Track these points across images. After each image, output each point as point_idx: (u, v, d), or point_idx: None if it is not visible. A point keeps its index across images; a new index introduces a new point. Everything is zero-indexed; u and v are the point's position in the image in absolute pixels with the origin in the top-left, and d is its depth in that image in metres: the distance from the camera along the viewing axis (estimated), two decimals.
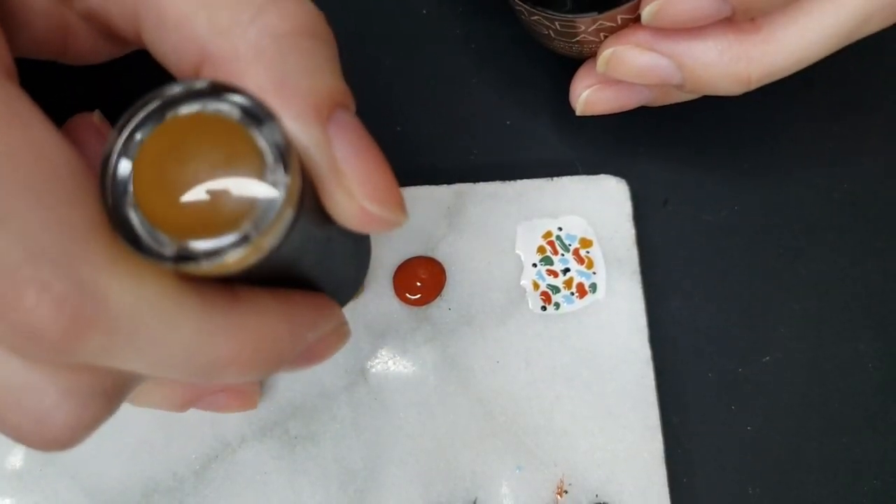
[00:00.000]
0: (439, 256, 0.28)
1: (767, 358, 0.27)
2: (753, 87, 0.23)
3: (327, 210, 0.16)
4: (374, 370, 0.27)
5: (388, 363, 0.27)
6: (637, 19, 0.22)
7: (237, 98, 0.13)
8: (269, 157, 0.13)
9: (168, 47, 0.16)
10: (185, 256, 0.13)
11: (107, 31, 0.19)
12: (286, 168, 0.13)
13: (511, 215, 0.28)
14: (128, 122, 0.13)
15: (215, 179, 0.13)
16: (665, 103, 0.27)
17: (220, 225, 0.13)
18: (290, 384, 0.27)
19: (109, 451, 0.26)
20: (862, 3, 0.22)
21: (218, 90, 0.13)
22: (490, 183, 0.28)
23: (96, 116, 0.18)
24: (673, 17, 0.21)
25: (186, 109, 0.13)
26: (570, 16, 0.23)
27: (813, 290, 0.28)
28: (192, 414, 0.26)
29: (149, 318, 0.13)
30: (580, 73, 0.26)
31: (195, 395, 0.17)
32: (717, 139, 0.29)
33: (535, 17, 0.24)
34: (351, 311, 0.27)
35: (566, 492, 0.26)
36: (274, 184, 0.13)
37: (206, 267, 0.13)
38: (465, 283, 0.27)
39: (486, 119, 0.29)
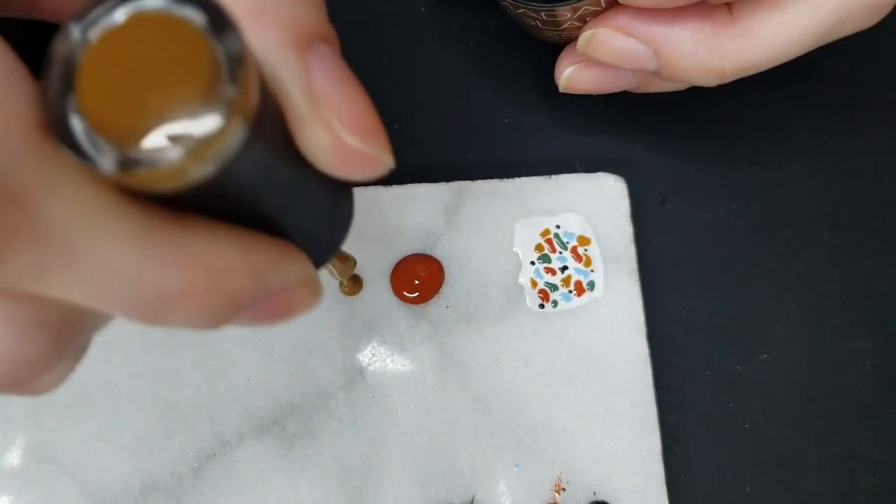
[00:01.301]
0: (437, 254, 0.28)
1: (765, 356, 0.27)
2: (727, 80, 0.23)
3: (301, 147, 0.14)
4: (372, 368, 0.27)
5: (387, 361, 0.27)
6: (618, 3, 0.23)
7: (202, 4, 0.12)
8: (225, 69, 0.12)
9: None
10: (124, 162, 0.12)
11: None
12: (237, 80, 0.12)
13: (509, 213, 0.28)
14: (83, 16, 0.12)
15: (162, 86, 0.12)
16: (648, 91, 0.27)
17: (166, 133, 0.12)
18: (289, 382, 0.27)
19: (108, 449, 0.26)
20: (839, 4, 0.22)
21: None
22: (488, 181, 0.28)
23: None
24: None
25: (148, 5, 0.12)
26: (552, 5, 0.23)
27: (811, 288, 0.28)
28: (191, 412, 0.26)
29: (84, 231, 0.12)
30: (565, 52, 0.26)
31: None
32: (715, 138, 0.29)
33: (521, 10, 0.24)
34: (349, 308, 0.27)
35: (564, 489, 0.26)
36: (223, 95, 0.12)
37: (145, 174, 0.12)
38: (463, 280, 0.27)
39: (484, 117, 0.29)
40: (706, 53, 0.23)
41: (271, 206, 0.15)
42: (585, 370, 0.27)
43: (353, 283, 0.27)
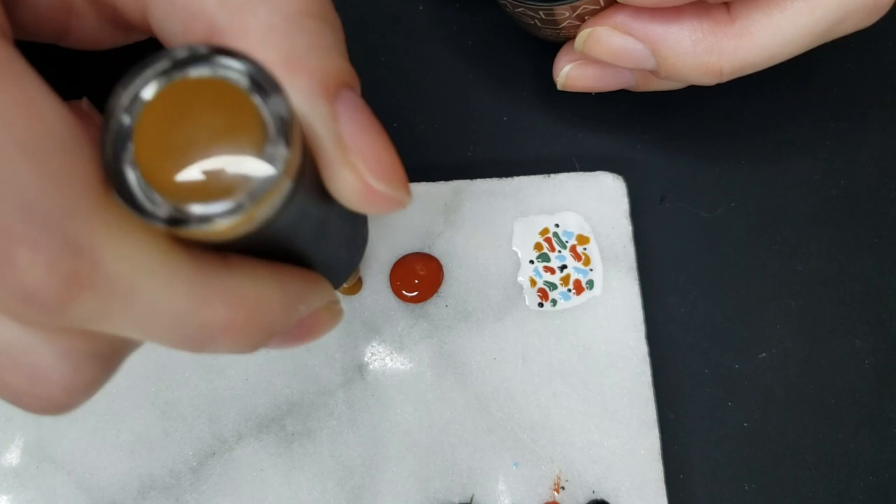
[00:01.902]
0: (436, 253, 0.28)
1: (764, 354, 0.27)
2: (725, 79, 0.23)
3: (329, 187, 0.15)
4: (371, 367, 0.27)
5: (386, 360, 0.27)
6: (616, 2, 0.23)
7: (246, 66, 0.13)
8: (272, 128, 0.13)
9: (176, 26, 0.16)
10: (179, 219, 0.13)
11: (112, 13, 0.19)
12: (287, 141, 0.13)
13: (508, 212, 0.28)
14: (134, 79, 0.13)
15: (216, 146, 0.13)
16: (646, 89, 0.27)
17: (216, 191, 0.13)
18: (288, 381, 0.27)
19: (106, 448, 0.26)
20: (837, 4, 0.22)
21: (228, 57, 0.13)
22: (487, 180, 0.28)
23: (84, 104, 0.18)
24: None
25: (195, 73, 0.13)
26: (550, 4, 0.23)
27: (809, 286, 0.28)
28: (190, 411, 0.26)
29: (143, 280, 0.13)
30: (563, 50, 0.26)
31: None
32: (714, 136, 0.29)
33: (520, 10, 0.24)
34: (348, 307, 0.27)
35: (563, 488, 0.26)
36: (273, 156, 0.13)
37: (198, 231, 0.13)
38: (462, 279, 0.27)
39: (482, 115, 0.29)
40: (704, 52, 0.23)
41: (302, 242, 0.16)
42: (584, 369, 0.27)
43: (353, 284, 0.27)
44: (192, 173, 0.12)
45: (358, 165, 0.15)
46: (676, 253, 0.28)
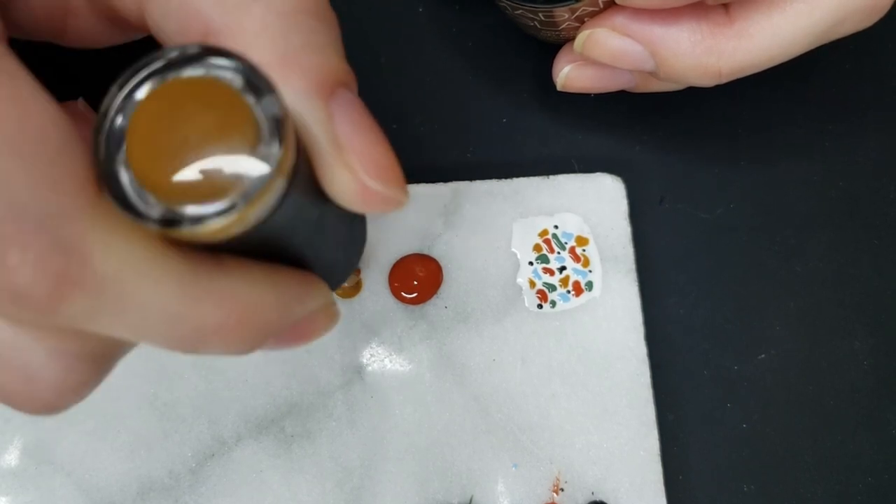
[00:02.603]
0: (435, 254, 0.28)
1: (763, 355, 0.27)
2: (724, 80, 0.23)
3: (325, 187, 0.15)
4: (370, 368, 0.27)
5: (385, 361, 0.27)
6: (615, 4, 0.23)
7: (238, 66, 0.13)
8: (265, 128, 0.13)
9: (173, 25, 0.16)
10: (171, 220, 0.13)
11: (109, 11, 0.19)
12: (281, 141, 0.13)
13: (507, 213, 0.28)
14: (128, 80, 0.13)
15: (208, 146, 0.12)
16: (646, 90, 0.27)
17: (209, 192, 0.12)
18: (287, 382, 0.27)
19: (105, 449, 0.26)
20: (836, 5, 0.22)
21: (220, 56, 0.13)
22: (486, 181, 0.28)
23: (80, 104, 0.18)
24: None
25: (189, 73, 0.13)
26: (550, 6, 0.23)
27: (808, 287, 0.28)
28: (189, 412, 0.26)
29: (134, 281, 0.13)
30: (563, 51, 0.26)
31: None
32: (714, 138, 0.29)
33: (519, 11, 0.24)
34: (347, 308, 0.27)
35: (562, 489, 0.26)
36: (266, 156, 0.13)
37: (190, 232, 0.13)
38: (461, 280, 0.27)
39: (482, 117, 0.29)
40: (703, 54, 0.23)
41: (297, 243, 0.16)
42: (583, 370, 0.27)
43: (352, 286, 0.27)
44: (184, 174, 0.12)
45: (354, 165, 0.15)
46: (676, 254, 0.28)
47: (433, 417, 0.26)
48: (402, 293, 0.27)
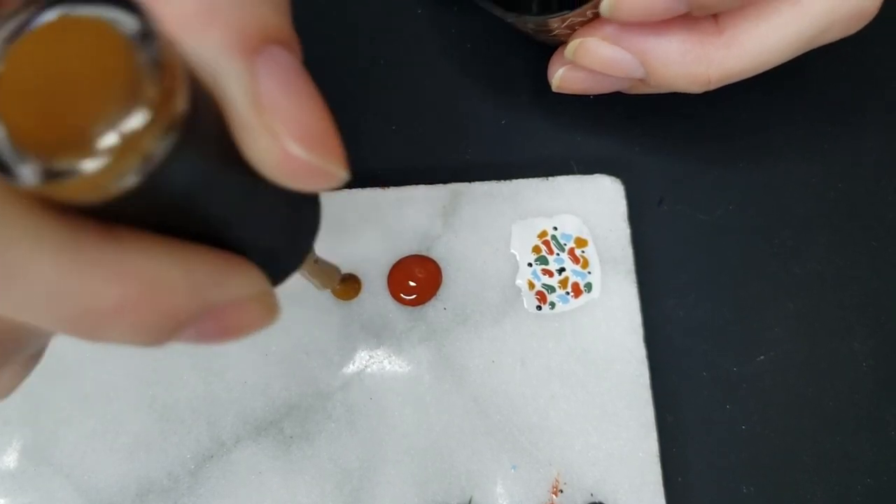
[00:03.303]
0: (435, 256, 0.28)
1: (762, 357, 0.27)
2: (713, 87, 0.24)
3: (246, 155, 0.14)
4: (369, 370, 0.27)
5: (384, 363, 0.27)
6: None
7: (123, 9, 0.12)
8: (146, 73, 0.11)
9: None
10: (42, 174, 0.11)
11: None
12: (163, 89, 0.11)
13: (506, 215, 0.28)
14: (6, 21, 0.12)
15: (81, 94, 0.11)
16: (638, 93, 0.27)
17: (81, 142, 0.11)
18: (286, 384, 0.27)
19: (104, 451, 0.26)
20: (822, 14, 0.22)
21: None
22: (485, 182, 0.28)
23: None
24: (629, 10, 0.21)
25: (77, 11, 0.12)
26: (539, 17, 0.24)
27: (807, 289, 0.28)
28: (188, 414, 0.26)
29: (3, 249, 0.12)
30: (558, 53, 0.26)
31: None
32: (712, 139, 0.29)
33: (511, 20, 0.25)
34: (346, 310, 0.27)
35: (561, 490, 0.26)
36: (144, 103, 0.11)
37: (64, 188, 0.11)
38: (460, 282, 0.27)
39: (481, 119, 0.29)
40: (692, 62, 0.23)
41: (215, 218, 0.14)
42: (582, 371, 0.27)
43: (351, 288, 0.27)
44: (54, 123, 0.11)
45: (275, 127, 0.13)
46: (675, 255, 0.28)
47: (432, 419, 0.26)
48: (402, 295, 0.27)
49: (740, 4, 0.22)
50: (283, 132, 0.13)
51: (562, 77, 0.26)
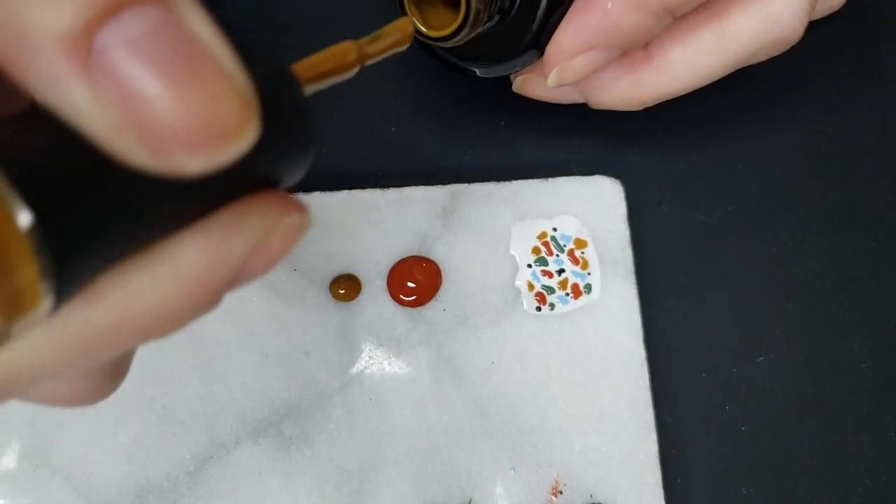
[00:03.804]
0: (434, 257, 0.28)
1: (762, 358, 0.27)
2: (648, 105, 0.26)
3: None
4: (368, 371, 0.27)
5: (383, 364, 0.27)
6: None
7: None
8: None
9: None
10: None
11: None
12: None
13: (506, 216, 0.28)
14: None
15: None
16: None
17: None
18: (286, 385, 0.27)
19: (104, 452, 0.26)
20: (746, 43, 0.24)
21: None
22: (485, 183, 0.28)
23: None
24: (574, 75, 0.24)
25: None
26: (490, 69, 0.26)
27: (807, 290, 0.28)
28: (187, 415, 0.26)
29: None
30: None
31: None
32: (711, 140, 0.29)
33: (465, 67, 0.26)
34: (346, 311, 0.27)
35: (561, 492, 0.26)
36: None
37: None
38: (459, 283, 0.27)
39: (480, 120, 0.29)
40: (625, 89, 0.25)
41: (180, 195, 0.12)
42: (582, 372, 0.27)
43: (350, 289, 0.27)
44: None
45: (163, 141, 0.10)
46: (674, 257, 0.28)
47: (432, 420, 0.26)
48: (401, 296, 0.27)
49: (662, 31, 0.24)
50: (174, 142, 0.10)
51: (523, 81, 0.28)
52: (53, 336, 0.12)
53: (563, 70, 0.24)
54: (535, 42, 0.24)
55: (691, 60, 0.24)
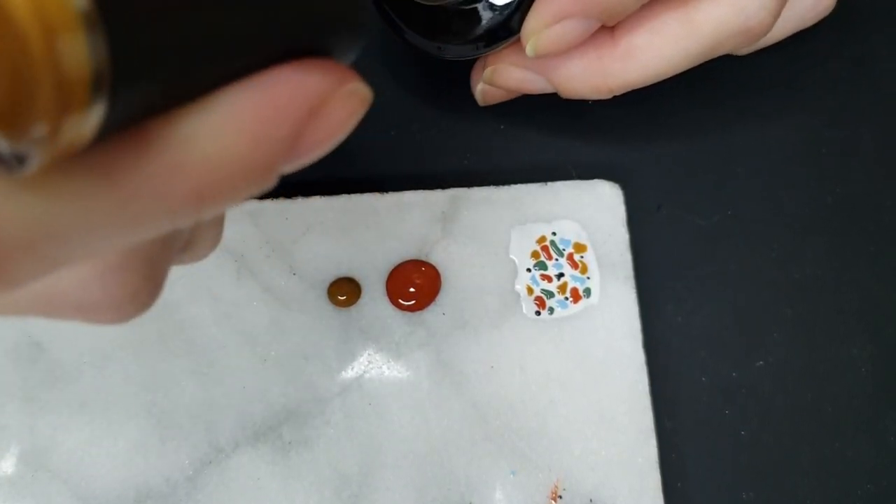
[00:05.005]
0: (433, 261, 0.28)
1: (761, 362, 0.27)
2: (615, 94, 0.26)
3: None
4: (368, 375, 0.27)
5: (383, 368, 0.27)
6: (516, 42, 0.25)
7: None
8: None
9: None
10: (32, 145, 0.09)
11: None
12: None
13: (505, 220, 0.28)
14: None
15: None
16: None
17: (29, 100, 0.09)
18: (284, 389, 0.27)
19: (103, 457, 0.26)
20: (711, 31, 0.24)
21: None
22: (484, 188, 0.28)
23: None
24: (551, 44, 0.24)
25: None
26: (459, 50, 0.26)
27: (806, 294, 0.28)
28: (186, 419, 0.26)
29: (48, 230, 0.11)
30: (476, 69, 0.28)
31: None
32: (711, 144, 0.29)
33: (432, 51, 0.26)
34: (345, 316, 0.27)
35: (560, 496, 0.26)
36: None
37: (63, 140, 0.09)
38: (459, 287, 0.27)
39: (480, 124, 0.29)
40: (593, 76, 0.25)
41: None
42: (581, 377, 0.27)
43: (350, 293, 0.27)
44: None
45: None
46: (673, 261, 0.28)
47: (431, 424, 0.26)
48: (400, 300, 0.27)
49: (637, 6, 0.24)
50: None
51: (483, 91, 0.28)
52: (101, 188, 0.11)
53: (540, 38, 0.24)
54: (506, 22, 0.24)
55: (657, 47, 0.24)
